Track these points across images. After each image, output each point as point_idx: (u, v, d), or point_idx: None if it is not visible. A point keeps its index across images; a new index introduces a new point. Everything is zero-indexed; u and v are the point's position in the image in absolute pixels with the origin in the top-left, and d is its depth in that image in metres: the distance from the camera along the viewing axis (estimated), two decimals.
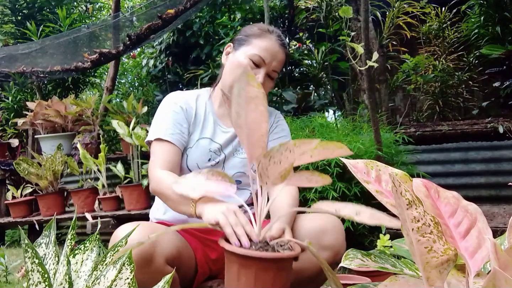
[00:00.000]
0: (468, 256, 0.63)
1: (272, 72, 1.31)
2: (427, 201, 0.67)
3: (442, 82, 3.86)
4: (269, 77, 1.31)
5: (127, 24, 4.15)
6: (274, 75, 1.32)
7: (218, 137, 1.36)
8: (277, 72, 1.33)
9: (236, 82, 0.81)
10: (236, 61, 1.31)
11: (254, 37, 1.31)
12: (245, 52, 1.29)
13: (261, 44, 1.29)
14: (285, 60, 1.35)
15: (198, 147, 1.33)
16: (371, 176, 0.74)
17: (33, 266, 0.67)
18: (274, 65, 1.30)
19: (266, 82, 1.30)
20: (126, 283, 0.70)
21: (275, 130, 1.42)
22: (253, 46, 1.29)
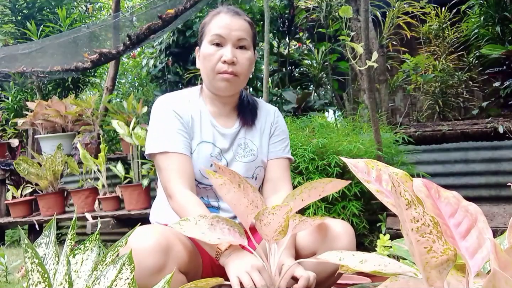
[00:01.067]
0: (468, 256, 0.63)
1: (240, 42, 1.25)
2: (428, 201, 0.67)
3: (442, 82, 3.86)
4: (242, 48, 1.25)
5: (127, 24, 4.15)
6: (245, 43, 1.26)
7: (217, 141, 1.31)
8: (247, 40, 1.26)
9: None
10: (201, 55, 1.28)
11: (207, 24, 1.29)
12: (205, 42, 1.26)
13: (214, 25, 1.26)
14: (248, 26, 1.28)
15: (199, 152, 1.27)
16: (372, 176, 0.74)
17: (33, 266, 0.67)
18: (237, 34, 1.24)
19: (240, 54, 1.25)
20: (126, 283, 0.70)
21: (275, 132, 1.40)
22: (209, 32, 1.26)
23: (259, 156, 1.34)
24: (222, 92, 1.28)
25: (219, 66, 1.23)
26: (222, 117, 1.35)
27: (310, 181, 0.92)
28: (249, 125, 1.35)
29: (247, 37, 1.27)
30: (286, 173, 1.37)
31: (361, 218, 2.14)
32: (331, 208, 2.12)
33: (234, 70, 1.23)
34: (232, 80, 1.25)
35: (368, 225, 2.18)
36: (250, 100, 1.40)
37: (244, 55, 1.26)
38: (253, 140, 1.35)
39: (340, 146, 2.21)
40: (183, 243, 1.12)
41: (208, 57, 1.25)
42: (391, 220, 2.21)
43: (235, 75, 1.24)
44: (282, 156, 1.37)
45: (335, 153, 2.17)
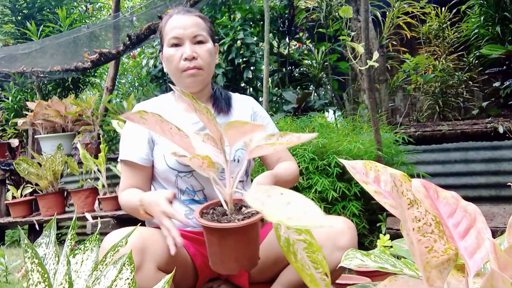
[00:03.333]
0: (468, 256, 0.63)
1: (196, 38, 1.30)
2: (426, 201, 0.67)
3: (442, 82, 3.86)
4: (199, 43, 1.30)
5: (127, 24, 4.15)
6: (201, 38, 1.30)
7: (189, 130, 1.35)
8: (202, 34, 1.31)
9: None
10: (165, 58, 1.33)
11: (163, 28, 1.34)
12: (166, 46, 1.32)
13: (169, 28, 1.31)
14: (200, 21, 1.33)
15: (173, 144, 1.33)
16: (370, 177, 0.74)
17: (33, 266, 0.67)
18: (192, 31, 1.29)
19: (198, 49, 1.29)
20: (126, 283, 0.70)
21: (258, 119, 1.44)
22: (166, 35, 1.31)
23: None
24: (191, 88, 1.32)
25: (182, 64, 1.28)
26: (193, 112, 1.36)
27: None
28: (225, 112, 1.39)
29: (202, 32, 1.31)
30: (285, 152, 1.41)
31: (361, 218, 2.14)
32: (331, 208, 2.12)
33: (196, 64, 1.28)
34: (197, 74, 1.29)
35: (368, 225, 2.18)
36: (223, 92, 1.45)
37: (203, 48, 1.30)
38: None
39: (340, 146, 2.21)
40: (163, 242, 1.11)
41: (171, 58, 1.30)
42: (391, 220, 2.21)
43: (199, 69, 1.29)
44: None
45: (335, 153, 2.17)
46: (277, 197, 0.72)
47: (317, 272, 0.80)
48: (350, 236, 1.17)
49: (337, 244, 1.15)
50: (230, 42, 3.97)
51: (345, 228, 1.18)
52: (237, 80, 4.26)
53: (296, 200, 0.68)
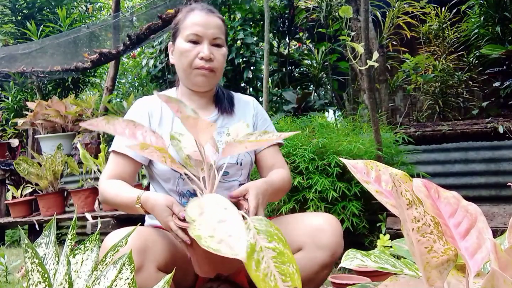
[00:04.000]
0: (468, 256, 0.63)
1: (215, 41, 1.28)
2: (427, 201, 0.67)
3: (442, 82, 3.86)
4: (216, 46, 1.29)
5: (127, 24, 4.15)
6: (220, 41, 1.30)
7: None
8: (221, 38, 1.30)
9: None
10: (177, 51, 1.30)
11: (181, 21, 1.31)
12: (181, 39, 1.29)
13: (189, 23, 1.28)
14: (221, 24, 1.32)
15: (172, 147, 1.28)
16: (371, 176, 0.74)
17: (33, 266, 0.67)
18: (213, 32, 1.27)
19: (215, 51, 1.28)
20: (126, 283, 0.70)
21: (259, 123, 1.42)
22: (184, 29, 1.28)
23: None
24: (199, 87, 1.31)
25: (197, 62, 1.26)
26: (200, 111, 1.34)
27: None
28: (228, 112, 1.37)
29: (221, 35, 1.30)
30: (279, 158, 1.39)
31: (361, 218, 2.13)
32: (331, 208, 2.12)
33: (211, 66, 1.27)
34: (209, 76, 1.28)
35: (368, 225, 2.18)
36: (225, 92, 1.44)
37: (220, 52, 1.29)
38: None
39: (340, 146, 2.21)
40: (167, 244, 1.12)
41: (185, 53, 1.27)
42: (391, 220, 2.21)
43: (212, 71, 1.28)
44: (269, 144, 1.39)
45: (335, 153, 2.17)
46: (211, 215, 0.73)
47: (284, 285, 0.70)
48: (331, 233, 1.14)
49: (317, 242, 1.13)
50: (230, 42, 3.97)
51: (325, 225, 1.15)
52: (237, 80, 4.26)
53: (230, 219, 0.72)
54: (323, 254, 1.13)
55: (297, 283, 0.70)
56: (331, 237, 1.13)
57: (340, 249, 1.18)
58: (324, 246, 1.13)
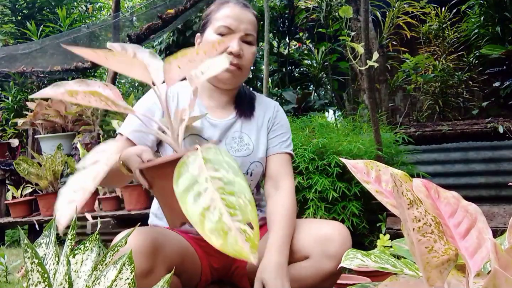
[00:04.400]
0: (468, 256, 0.63)
1: (246, 37, 1.21)
2: (427, 201, 0.67)
3: (442, 82, 3.86)
4: (246, 43, 1.21)
5: (127, 24, 4.15)
6: (251, 38, 1.22)
7: (209, 132, 1.23)
8: (253, 35, 1.22)
9: None
10: (205, 42, 1.22)
11: (214, 13, 1.23)
12: (211, 30, 1.21)
13: (222, 15, 1.20)
14: (255, 21, 1.25)
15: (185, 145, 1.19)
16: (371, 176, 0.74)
17: (33, 266, 0.67)
18: (246, 28, 1.20)
19: (245, 48, 1.21)
20: (126, 283, 0.70)
21: (273, 127, 1.33)
22: (216, 20, 1.20)
23: (254, 150, 1.27)
24: (223, 84, 1.24)
25: None
26: (218, 109, 1.28)
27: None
28: (247, 116, 1.29)
29: (253, 32, 1.23)
30: (286, 168, 1.30)
31: (361, 218, 2.13)
32: (331, 208, 2.12)
33: (239, 63, 1.19)
34: (236, 73, 1.21)
35: (368, 225, 2.18)
36: (247, 92, 1.36)
37: (250, 50, 1.22)
38: (249, 134, 1.29)
39: (340, 146, 2.21)
40: (176, 245, 1.10)
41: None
42: (391, 220, 2.21)
43: (239, 68, 1.20)
44: (280, 151, 1.30)
45: (335, 153, 2.17)
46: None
47: (233, 219, 0.53)
48: (340, 243, 1.09)
49: (326, 252, 1.09)
50: None
51: (334, 234, 1.10)
52: None
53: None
54: (331, 264, 1.09)
55: (251, 217, 0.53)
56: (340, 247, 1.08)
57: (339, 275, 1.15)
58: (332, 256, 1.09)
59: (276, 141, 1.31)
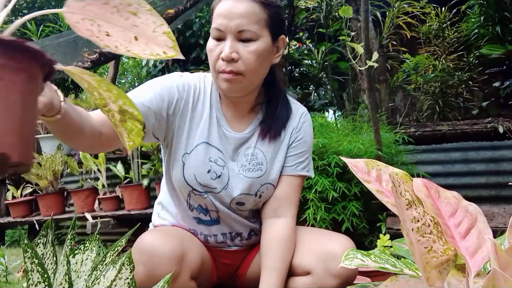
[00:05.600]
0: (468, 256, 0.63)
1: (241, 34, 1.01)
2: (428, 201, 0.67)
3: (442, 82, 3.86)
4: (246, 41, 1.02)
5: None
6: (249, 34, 1.01)
7: (221, 144, 1.12)
8: (250, 30, 1.01)
9: None
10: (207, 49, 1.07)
11: (213, 9, 1.06)
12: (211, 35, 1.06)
13: (215, 14, 1.03)
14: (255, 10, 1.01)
15: (198, 154, 1.09)
16: (372, 176, 0.74)
17: (33, 266, 0.67)
18: (237, 24, 1.00)
19: (241, 49, 1.01)
20: (126, 283, 0.70)
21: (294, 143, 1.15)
22: (212, 22, 1.05)
23: (267, 172, 1.13)
24: (225, 93, 1.08)
25: (219, 64, 1.02)
26: (235, 119, 1.14)
27: None
28: (270, 138, 1.12)
29: (253, 26, 1.01)
30: (294, 195, 1.16)
31: (361, 218, 2.13)
32: (331, 208, 2.12)
33: (234, 68, 1.01)
34: (234, 80, 1.03)
35: (368, 225, 2.18)
36: (281, 108, 1.14)
37: (248, 49, 1.01)
38: (265, 151, 1.14)
39: (340, 146, 2.21)
40: (197, 249, 1.09)
41: (210, 54, 1.04)
42: (391, 220, 2.21)
43: (237, 74, 1.02)
44: (293, 174, 1.15)
45: (335, 153, 2.17)
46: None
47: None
48: None
49: (329, 269, 1.02)
50: None
51: (339, 251, 1.00)
52: None
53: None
54: (334, 282, 1.03)
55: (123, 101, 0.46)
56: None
57: (353, 277, 1.07)
58: (337, 275, 1.02)
59: (293, 161, 1.16)
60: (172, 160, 1.11)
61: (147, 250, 0.97)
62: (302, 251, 1.11)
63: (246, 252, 1.26)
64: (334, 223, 2.07)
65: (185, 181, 1.10)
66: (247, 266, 1.25)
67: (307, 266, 1.08)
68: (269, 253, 1.09)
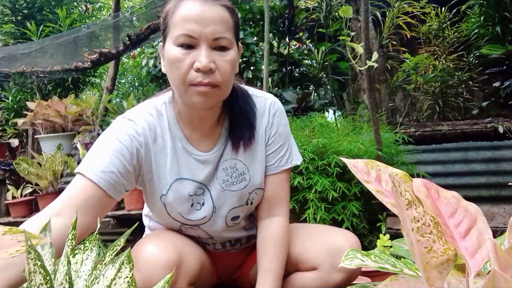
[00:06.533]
0: (468, 256, 0.63)
1: (217, 42, 0.92)
2: (427, 201, 0.67)
3: (442, 82, 3.86)
4: (220, 49, 0.93)
5: (127, 24, 4.15)
6: (225, 42, 0.92)
7: (197, 173, 1.05)
8: (226, 37, 0.93)
9: None
10: (167, 58, 0.95)
11: (170, 15, 0.95)
12: (171, 42, 0.93)
13: (180, 18, 0.92)
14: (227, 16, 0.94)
15: (174, 193, 1.04)
16: (372, 176, 0.74)
17: (35, 268, 0.67)
18: (213, 30, 0.91)
19: (218, 58, 0.92)
20: (126, 282, 0.70)
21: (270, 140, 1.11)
22: (174, 27, 0.93)
23: (251, 179, 1.09)
24: (198, 106, 0.97)
25: (192, 76, 0.91)
26: (202, 139, 1.06)
27: None
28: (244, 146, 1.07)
29: (227, 33, 0.93)
30: (283, 192, 1.13)
31: (361, 218, 2.13)
32: (331, 208, 2.12)
33: (212, 80, 0.92)
34: (211, 94, 0.93)
35: (368, 225, 2.18)
36: (243, 108, 1.07)
37: (225, 58, 0.93)
38: (243, 160, 1.09)
39: (340, 146, 2.21)
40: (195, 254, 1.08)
41: (176, 64, 0.92)
42: (391, 220, 2.21)
43: (214, 86, 0.93)
44: (277, 171, 1.12)
45: (335, 153, 2.17)
46: None
47: None
48: None
49: (335, 264, 1.02)
50: None
51: (345, 246, 1.03)
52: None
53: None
54: (340, 276, 1.04)
55: None
56: None
57: (358, 273, 1.09)
58: (342, 269, 1.02)
59: (274, 158, 1.11)
60: (151, 202, 1.08)
61: (142, 258, 0.95)
62: (308, 247, 1.10)
63: (247, 252, 1.26)
64: (334, 223, 2.07)
65: (172, 219, 1.08)
66: (249, 266, 1.25)
67: (314, 261, 1.08)
68: (265, 254, 1.08)
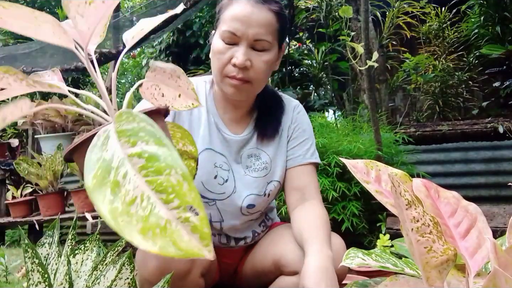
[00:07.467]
0: (468, 256, 0.63)
1: (257, 43, 1.00)
2: (427, 201, 0.67)
3: (442, 82, 3.87)
4: (257, 50, 1.01)
5: (127, 24, 4.15)
6: (265, 45, 1.01)
7: (223, 148, 1.12)
8: (267, 40, 1.01)
9: None
10: (212, 47, 1.05)
11: (224, 8, 1.03)
12: (218, 34, 1.03)
13: (229, 15, 1.00)
14: (272, 20, 1.01)
15: (202, 161, 1.07)
16: (371, 176, 0.74)
17: (33, 266, 0.67)
18: (255, 33, 0.98)
19: (255, 57, 1.01)
20: (126, 283, 0.70)
21: (294, 134, 1.17)
22: (223, 22, 1.01)
23: (272, 169, 1.14)
24: (230, 97, 1.08)
25: (229, 69, 1.01)
26: (233, 122, 1.15)
27: None
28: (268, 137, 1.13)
29: (269, 36, 1.01)
30: (313, 180, 1.14)
31: (361, 218, 2.13)
32: (331, 208, 2.12)
33: (245, 76, 1.01)
34: (243, 88, 1.03)
35: (368, 225, 2.18)
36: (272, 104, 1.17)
37: (261, 58, 1.01)
38: (267, 150, 1.15)
39: (340, 146, 2.21)
40: None
41: (217, 55, 1.02)
42: (391, 220, 2.21)
43: (247, 81, 1.02)
44: (304, 162, 1.15)
45: (335, 153, 2.17)
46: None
47: (168, 207, 0.37)
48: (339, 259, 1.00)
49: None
50: None
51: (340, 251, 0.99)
52: None
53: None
54: None
55: (191, 198, 0.37)
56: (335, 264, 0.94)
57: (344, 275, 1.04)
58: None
59: (299, 151, 1.16)
60: None
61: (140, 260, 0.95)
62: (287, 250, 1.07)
63: (246, 250, 1.27)
64: (334, 223, 2.07)
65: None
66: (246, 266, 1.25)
67: (294, 265, 1.03)
68: (310, 224, 1.03)
